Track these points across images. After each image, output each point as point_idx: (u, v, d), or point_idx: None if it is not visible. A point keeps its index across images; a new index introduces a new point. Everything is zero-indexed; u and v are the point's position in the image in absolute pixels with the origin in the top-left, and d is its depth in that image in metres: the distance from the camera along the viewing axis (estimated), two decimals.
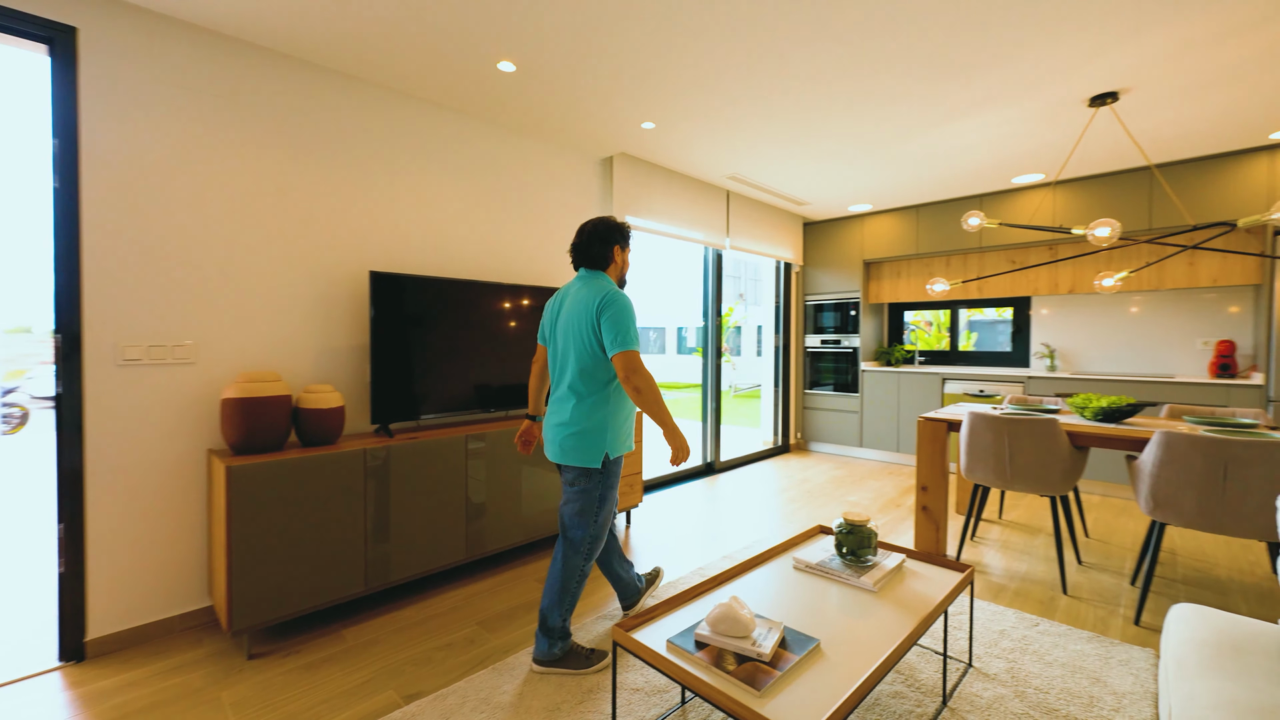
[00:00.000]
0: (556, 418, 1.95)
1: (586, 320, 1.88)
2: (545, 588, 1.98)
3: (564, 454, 1.92)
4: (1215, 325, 4.09)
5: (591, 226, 2.00)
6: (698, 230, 4.37)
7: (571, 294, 1.98)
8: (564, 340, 1.95)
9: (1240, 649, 1.34)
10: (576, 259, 2.02)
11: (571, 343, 1.92)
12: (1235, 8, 2.07)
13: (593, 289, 1.91)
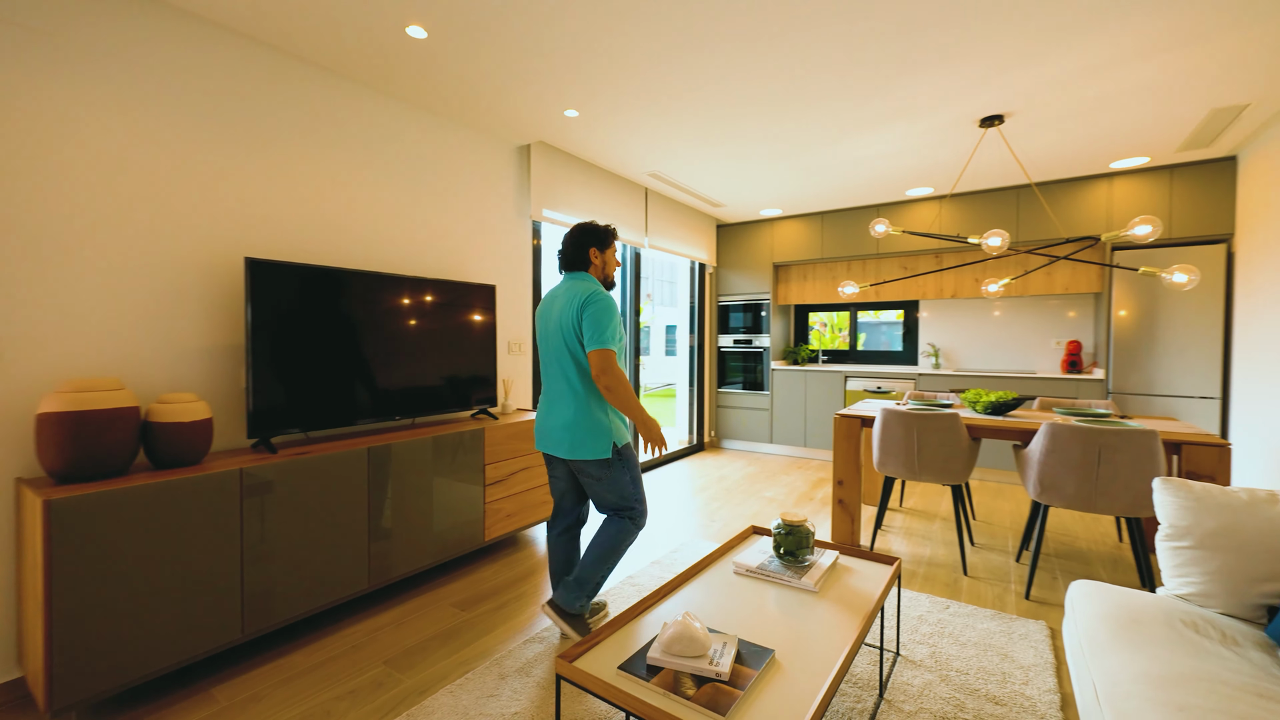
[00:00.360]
0: (559, 418, 2.02)
1: (571, 319, 1.97)
2: (588, 552, 2.07)
3: (575, 450, 2.00)
4: (1066, 327, 4.70)
5: (571, 231, 2.11)
6: (617, 227, 4.27)
7: (559, 295, 2.06)
8: (555, 341, 2.03)
9: (1138, 620, 1.47)
10: (561, 263, 2.13)
11: (563, 342, 2.00)
12: (1100, 49, 2.33)
13: (577, 290, 2.01)
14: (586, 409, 1.99)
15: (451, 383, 2.87)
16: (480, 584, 2.61)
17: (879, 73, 2.57)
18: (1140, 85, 2.68)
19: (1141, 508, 2.28)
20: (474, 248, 3.30)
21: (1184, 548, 1.62)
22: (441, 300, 2.80)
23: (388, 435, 2.50)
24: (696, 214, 5.38)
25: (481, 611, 2.36)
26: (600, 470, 2.01)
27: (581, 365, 1.99)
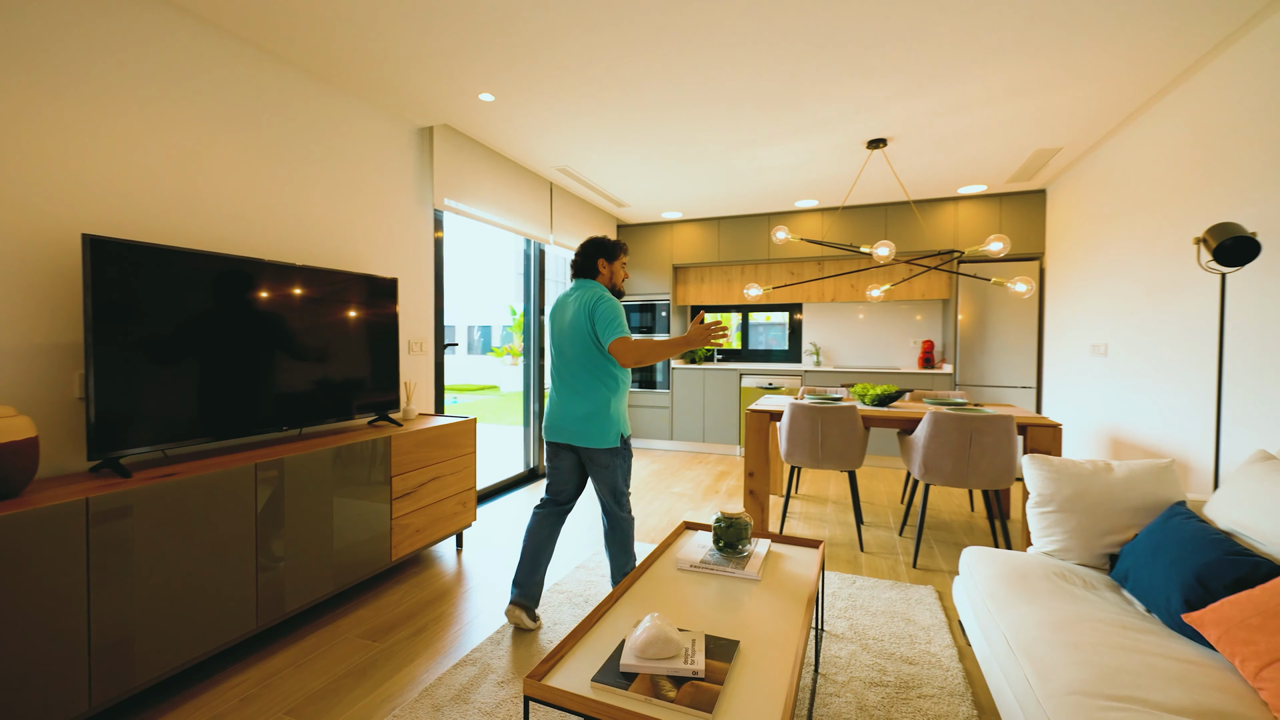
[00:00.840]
0: (577, 410, 2.17)
1: (584, 322, 2.13)
2: (612, 555, 2.24)
3: (590, 439, 2.15)
4: (916, 329, 5.42)
5: (584, 244, 2.29)
6: (522, 222, 4.11)
7: (571, 300, 2.22)
8: (570, 343, 2.18)
9: (1025, 577, 1.73)
10: (573, 271, 2.31)
11: (578, 343, 2.15)
12: (962, 92, 2.72)
13: (587, 295, 2.17)
14: (604, 402, 2.16)
15: (347, 387, 2.56)
16: (389, 610, 2.36)
17: (792, 88, 2.75)
18: (987, 125, 3.17)
19: (1001, 481, 2.70)
20: (371, 236, 2.97)
21: (1049, 512, 1.94)
22: (335, 293, 2.48)
23: (276, 449, 2.16)
24: (599, 213, 5.36)
25: (397, 640, 2.13)
26: (609, 458, 2.18)
27: (594, 361, 2.15)
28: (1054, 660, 1.31)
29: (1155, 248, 2.89)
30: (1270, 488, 1.52)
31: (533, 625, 2.19)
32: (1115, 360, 3.30)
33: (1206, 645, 1.34)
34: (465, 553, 2.99)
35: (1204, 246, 2.04)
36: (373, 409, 2.70)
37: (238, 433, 2.09)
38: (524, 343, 4.72)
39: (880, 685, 1.83)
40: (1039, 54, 2.41)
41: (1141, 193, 3.03)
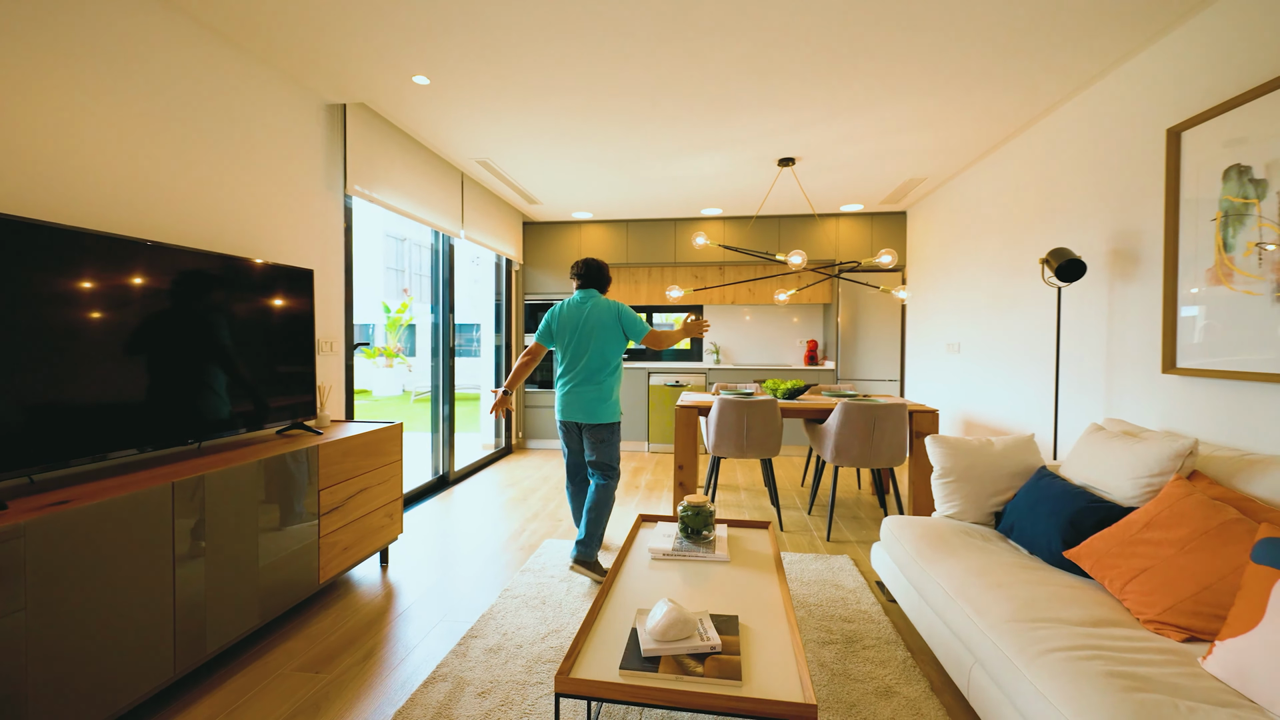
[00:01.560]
0: (592, 394, 2.69)
1: (612, 322, 2.71)
2: (588, 514, 2.66)
3: (598, 415, 2.69)
4: (801, 330, 6.04)
5: (592, 262, 2.83)
6: (435, 214, 3.88)
7: (589, 307, 2.72)
8: (586, 338, 2.70)
9: (941, 536, 2.07)
10: (585, 282, 2.82)
11: (596, 339, 2.69)
12: (857, 125, 3.13)
13: (608, 303, 2.74)
14: (612, 387, 2.73)
15: (257, 391, 2.26)
16: (323, 637, 2.13)
17: (718, 109, 2.95)
18: (874, 154, 3.67)
19: (897, 459, 3.15)
20: (275, 222, 2.63)
21: (949, 482, 2.33)
22: (241, 284, 2.18)
23: (195, 462, 1.85)
24: (508, 209, 5.21)
25: (345, 667, 1.94)
26: (609, 433, 2.72)
27: (610, 354, 2.71)
28: (985, 599, 1.61)
29: (1000, 264, 3.56)
30: (1105, 451, 2.00)
31: (600, 578, 2.57)
32: (967, 356, 4.00)
33: (1083, 574, 1.73)
34: (392, 569, 2.78)
35: (1047, 265, 2.59)
36: (286, 416, 2.41)
37: (118, 448, 1.76)
38: (433, 343, 4.45)
39: (831, 643, 2.07)
40: (921, 100, 2.87)
41: (988, 219, 3.72)
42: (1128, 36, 2.30)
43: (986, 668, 1.50)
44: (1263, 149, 1.83)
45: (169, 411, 1.88)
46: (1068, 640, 1.36)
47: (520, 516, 3.61)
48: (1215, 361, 2.02)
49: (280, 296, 2.37)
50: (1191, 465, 1.74)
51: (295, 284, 2.46)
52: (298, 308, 2.48)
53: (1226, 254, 1.96)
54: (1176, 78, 2.21)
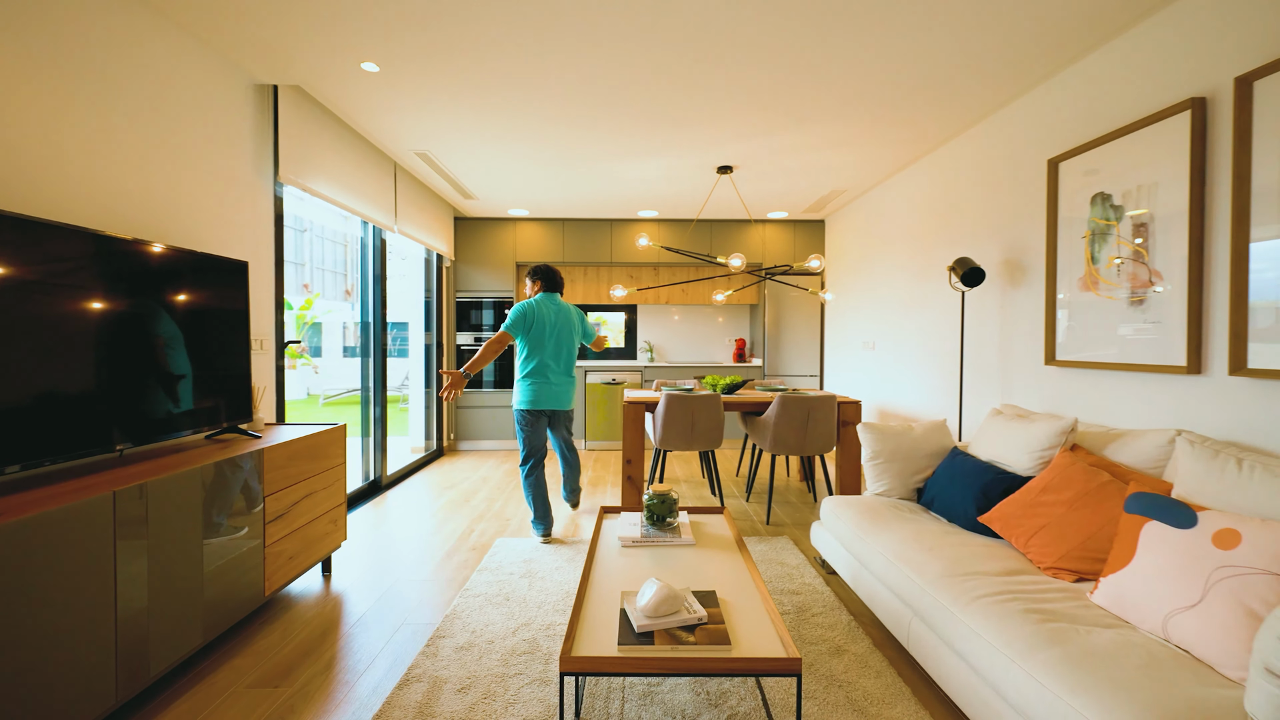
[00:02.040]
0: (568, 386, 3.23)
1: (579, 324, 3.28)
2: (566, 477, 3.49)
3: (569, 403, 3.25)
4: (726, 329, 6.35)
5: (552, 267, 3.28)
6: (368, 206, 3.71)
7: (556, 309, 3.19)
8: (567, 339, 3.19)
9: (876, 511, 2.33)
10: (549, 286, 3.23)
11: (569, 337, 3.20)
12: (788, 140, 3.40)
13: (569, 306, 3.27)
14: (574, 378, 3.27)
15: (189, 392, 2.09)
16: (275, 651, 2.02)
17: (664, 117, 3.09)
18: (802, 167, 3.98)
19: (828, 447, 3.45)
20: (203, 209, 2.42)
21: (878, 463, 2.61)
22: (169, 275, 2.00)
23: (128, 470, 1.68)
24: (440, 203, 5.05)
25: (306, 678, 1.86)
26: (571, 415, 3.34)
27: (574, 352, 3.25)
28: (921, 560, 1.86)
29: (910, 270, 3.99)
30: (1005, 431, 2.35)
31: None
32: (881, 353, 4.44)
33: (994, 535, 2.04)
34: (336, 578, 2.65)
35: (954, 272, 2.97)
36: (219, 419, 2.23)
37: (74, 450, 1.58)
38: (362, 342, 4.23)
39: (784, 613, 2.27)
40: (839, 125, 3.17)
41: (899, 229, 4.15)
42: (1001, 89, 2.71)
43: (925, 619, 1.73)
44: (1120, 181, 2.25)
45: (89, 415, 1.70)
46: (990, 588, 1.61)
47: (465, 518, 3.54)
48: (1085, 355, 2.44)
49: (215, 290, 2.20)
50: (1072, 440, 2.10)
51: (229, 277, 2.28)
52: (232, 303, 2.30)
53: (1094, 265, 2.37)
54: (1053, 117, 2.63)
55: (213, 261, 2.19)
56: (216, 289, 2.22)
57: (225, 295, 2.27)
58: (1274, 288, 1.71)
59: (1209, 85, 1.92)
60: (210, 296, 2.18)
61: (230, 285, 2.30)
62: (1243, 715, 1.08)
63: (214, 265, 2.20)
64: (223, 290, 2.25)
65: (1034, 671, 1.28)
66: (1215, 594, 1.28)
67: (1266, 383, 1.74)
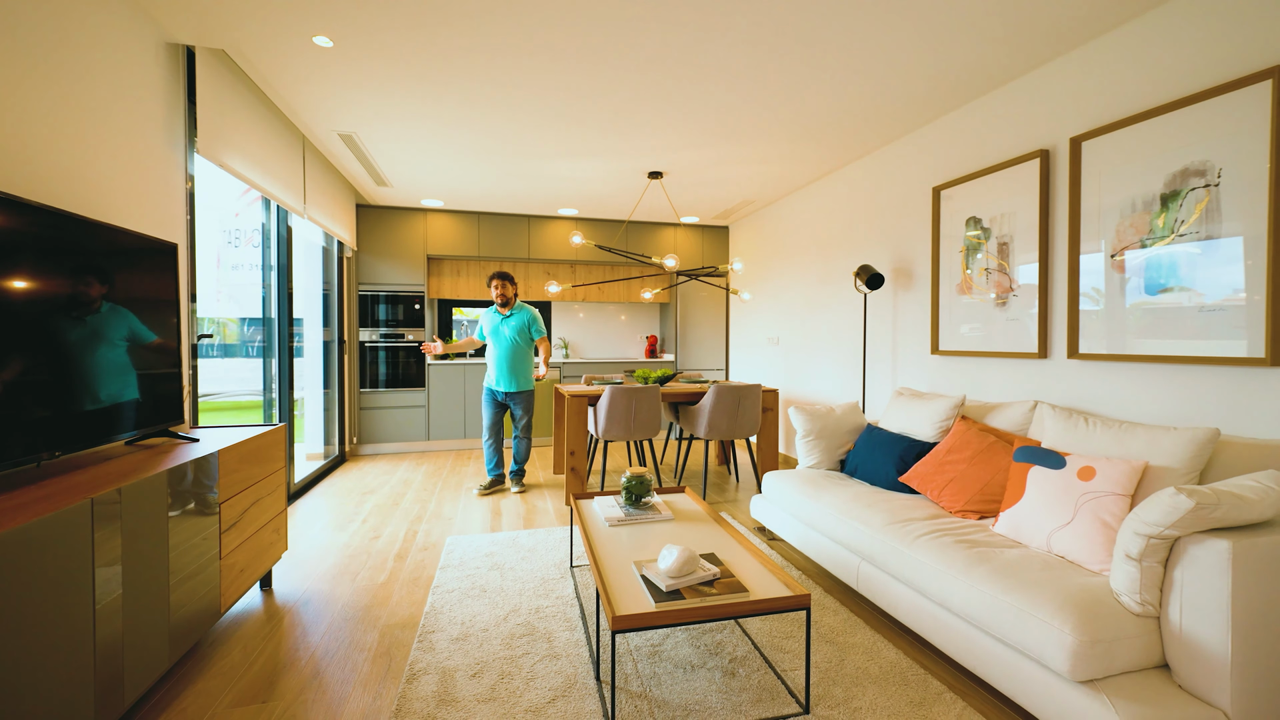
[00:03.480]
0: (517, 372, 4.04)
1: (527, 326, 4.05)
2: (520, 455, 4.12)
3: (523, 385, 4.04)
4: (643, 326, 6.65)
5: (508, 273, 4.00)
6: (279, 187, 3.38)
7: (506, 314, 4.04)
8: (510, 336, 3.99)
9: (814, 480, 2.72)
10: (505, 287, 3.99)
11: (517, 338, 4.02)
12: (709, 153, 3.75)
13: (522, 310, 4.07)
14: (529, 368, 4.11)
15: (119, 390, 1.84)
16: (245, 669, 1.86)
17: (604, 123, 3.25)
18: (719, 178, 4.36)
19: (753, 431, 3.85)
20: (111, 181, 2.10)
21: (810, 440, 3.02)
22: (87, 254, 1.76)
23: (99, 471, 1.47)
24: (345, 188, 4.69)
25: (295, 691, 1.75)
26: (527, 399, 4.09)
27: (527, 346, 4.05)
28: (865, 514, 2.24)
29: (813, 274, 4.56)
30: (910, 408, 2.86)
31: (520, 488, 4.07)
32: (786, 348, 4.99)
33: (913, 492, 2.50)
34: (279, 590, 2.45)
35: (858, 277, 3.50)
36: (148, 420, 1.98)
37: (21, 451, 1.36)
38: (265, 339, 3.82)
39: None
40: (751, 145, 3.58)
41: (804, 238, 4.71)
42: (899, 123, 3.27)
43: (874, 561, 2.11)
44: (988, 208, 2.86)
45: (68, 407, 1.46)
46: (925, 529, 2.02)
47: (402, 521, 3.40)
48: (961, 345, 3.05)
49: (143, 274, 1.95)
50: (961, 412, 2.65)
51: (159, 260, 2.03)
52: (163, 289, 2.05)
53: (968, 273, 2.98)
54: (938, 152, 3.24)
55: (141, 242, 1.94)
56: (146, 273, 1.96)
57: (155, 280, 2.01)
58: (1096, 293, 2.34)
59: (1052, 140, 2.55)
60: (140, 281, 1.93)
61: (160, 269, 2.04)
62: (1109, 591, 1.54)
63: (142, 246, 1.94)
64: (153, 275, 2.00)
65: (975, 583, 1.68)
66: (1081, 514, 1.77)
67: (1094, 363, 2.38)
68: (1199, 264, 2.00)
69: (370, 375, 5.31)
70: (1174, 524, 1.39)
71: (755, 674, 1.81)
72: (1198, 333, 2.00)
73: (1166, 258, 2.09)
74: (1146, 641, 1.45)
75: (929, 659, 1.93)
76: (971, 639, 1.69)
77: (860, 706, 1.65)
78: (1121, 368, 2.26)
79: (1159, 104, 2.12)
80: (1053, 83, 2.55)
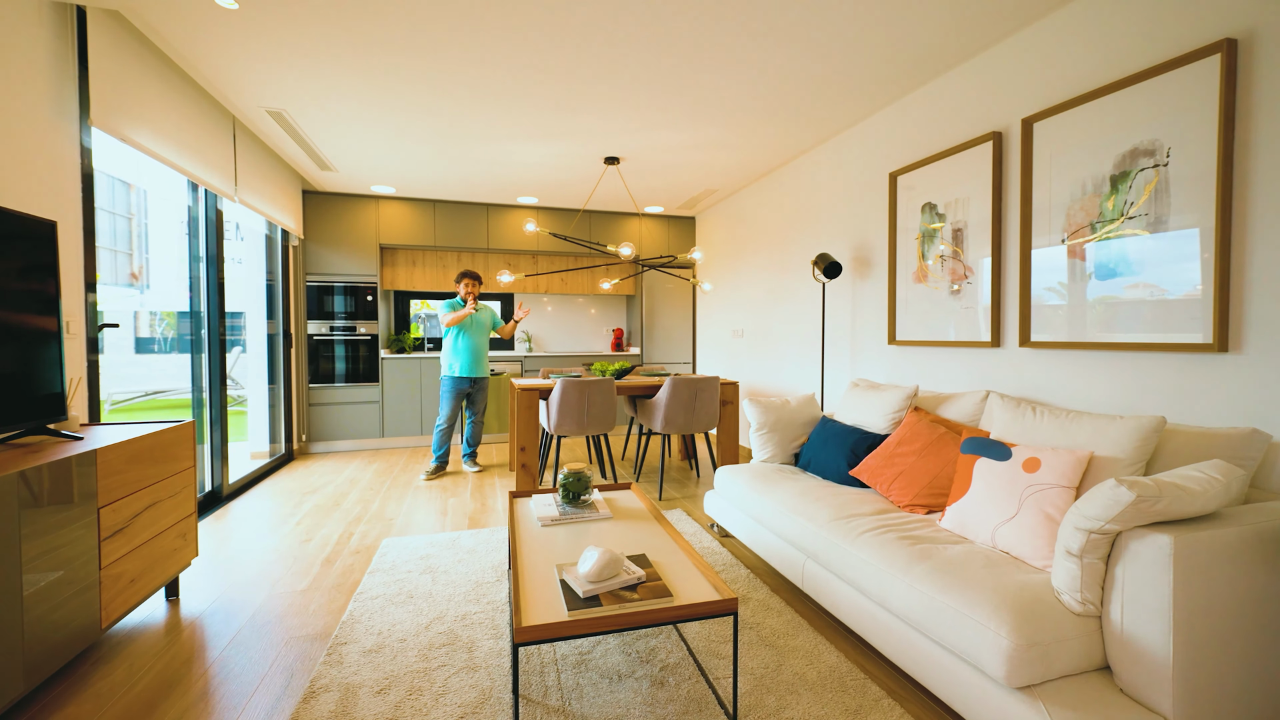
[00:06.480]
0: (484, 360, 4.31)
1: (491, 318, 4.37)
2: (473, 435, 4.39)
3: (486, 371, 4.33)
4: (609, 319, 6.50)
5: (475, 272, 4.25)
6: (202, 167, 3.15)
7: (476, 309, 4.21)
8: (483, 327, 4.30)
9: (764, 475, 2.61)
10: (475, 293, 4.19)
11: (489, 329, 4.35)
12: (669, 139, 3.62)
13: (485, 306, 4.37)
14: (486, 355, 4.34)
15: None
16: (124, 690, 1.68)
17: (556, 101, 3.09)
18: (681, 165, 4.23)
19: (712, 424, 3.74)
20: None
21: (763, 433, 2.92)
22: None
23: None
24: (287, 172, 4.44)
25: (177, 713, 1.58)
26: (487, 385, 4.39)
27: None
28: (811, 510, 2.14)
29: (773, 265, 4.46)
30: (863, 400, 2.77)
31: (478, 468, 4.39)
32: (750, 340, 4.90)
33: (863, 486, 2.41)
34: (188, 600, 2.26)
35: (816, 266, 3.40)
36: (21, 417, 1.78)
37: None
38: (193, 333, 3.58)
39: None
40: (714, 128, 3.46)
41: (764, 228, 4.61)
42: (857, 107, 3.17)
43: (818, 558, 2.01)
44: (942, 193, 2.78)
45: None
46: (869, 525, 1.92)
47: (339, 522, 3.21)
48: (917, 335, 2.97)
49: (12, 256, 1.74)
50: (914, 403, 2.57)
51: (31, 238, 1.82)
52: (35, 272, 1.84)
53: (924, 261, 2.90)
54: (894, 137, 3.15)
55: (8, 218, 1.73)
56: (17, 256, 1.76)
57: (26, 262, 1.80)
58: (1046, 281, 2.26)
59: (1005, 122, 2.47)
60: (5, 263, 1.72)
61: (33, 250, 1.83)
62: (1050, 589, 1.45)
63: (10, 223, 1.74)
64: (23, 255, 1.79)
65: (914, 582, 1.58)
66: (1026, 507, 1.68)
67: (1043, 351, 2.31)
68: (1148, 246, 1.93)
69: (321, 370, 5.08)
70: (1114, 518, 1.31)
71: (686, 683, 1.69)
72: (1144, 319, 1.93)
73: (1116, 240, 2.02)
74: (1087, 642, 1.36)
75: (871, 662, 1.83)
76: (911, 641, 1.60)
77: (793, 717, 1.55)
78: (1071, 356, 2.20)
79: (1109, 82, 2.04)
80: (1005, 62, 2.47)
